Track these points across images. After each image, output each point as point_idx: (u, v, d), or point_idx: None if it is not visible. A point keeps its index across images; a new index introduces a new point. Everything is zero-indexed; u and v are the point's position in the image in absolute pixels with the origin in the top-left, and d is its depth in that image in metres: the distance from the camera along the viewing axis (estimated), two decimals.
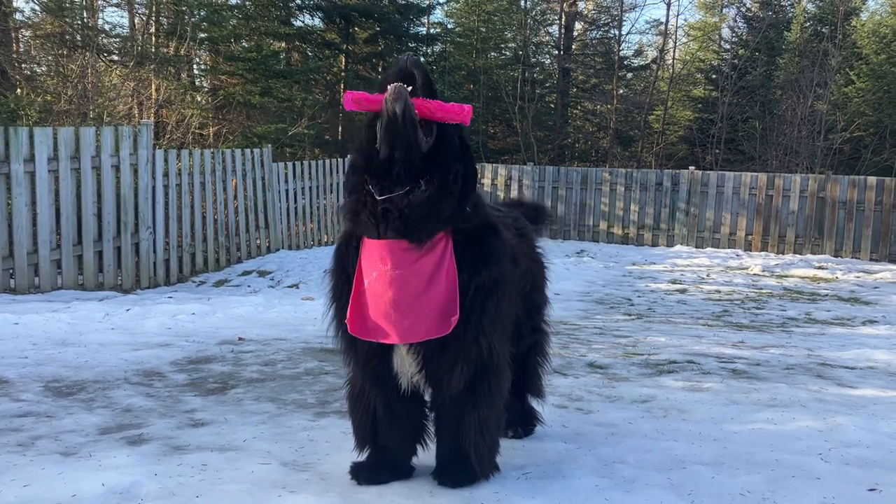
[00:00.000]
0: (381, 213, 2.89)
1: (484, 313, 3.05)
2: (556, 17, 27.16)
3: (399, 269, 2.92)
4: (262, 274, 11.13)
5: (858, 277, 12.76)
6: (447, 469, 3.23)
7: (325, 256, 11.72)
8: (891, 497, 3.23)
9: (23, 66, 15.82)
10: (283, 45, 21.11)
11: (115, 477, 3.20)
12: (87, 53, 14.40)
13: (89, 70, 14.01)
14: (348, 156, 3.24)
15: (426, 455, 3.37)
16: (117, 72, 16.15)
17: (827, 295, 10.87)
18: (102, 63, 15.72)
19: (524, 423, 3.96)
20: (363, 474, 3.24)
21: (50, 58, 15.69)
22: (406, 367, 3.11)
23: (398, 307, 2.94)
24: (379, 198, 2.88)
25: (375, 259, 2.95)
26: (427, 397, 3.32)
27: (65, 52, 14.84)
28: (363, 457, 3.33)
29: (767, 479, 3.38)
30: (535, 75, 26.36)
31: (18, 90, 13.86)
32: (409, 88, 2.85)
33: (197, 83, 19.52)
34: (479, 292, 3.04)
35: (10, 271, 8.77)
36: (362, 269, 3.01)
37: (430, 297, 2.95)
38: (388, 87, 2.82)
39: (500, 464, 3.36)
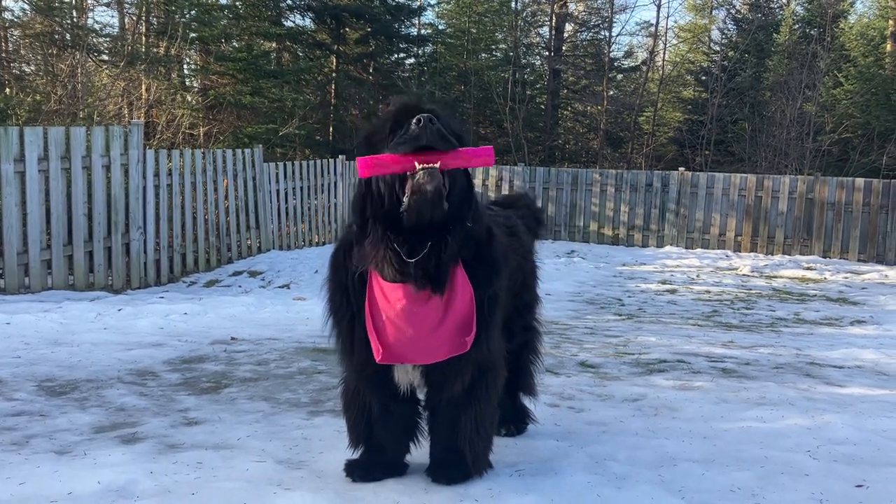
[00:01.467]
0: (406, 271, 2.90)
1: (487, 325, 3.12)
2: (547, 19, 27.25)
3: (416, 309, 2.97)
4: (253, 274, 11.12)
5: (846, 278, 12.87)
6: (442, 466, 3.26)
7: (316, 257, 11.74)
8: (877, 493, 3.28)
9: (12, 65, 15.76)
10: (274, 45, 21.08)
11: (111, 475, 3.21)
12: (77, 53, 14.36)
13: (79, 70, 13.97)
14: (354, 194, 3.18)
15: (419, 452, 3.40)
16: (107, 72, 16.11)
17: (815, 295, 10.96)
18: (92, 63, 15.68)
19: (517, 422, 3.99)
20: (358, 472, 3.27)
21: (39, 57, 15.63)
22: (409, 377, 3.17)
23: (418, 342, 3.00)
24: (407, 259, 2.88)
25: (391, 299, 2.98)
26: (421, 396, 3.35)
27: (54, 52, 14.78)
28: (357, 454, 3.35)
29: (757, 476, 3.42)
30: (525, 76, 26.43)
31: (7, 90, 13.82)
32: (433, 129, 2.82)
33: (187, 83, 19.48)
34: (484, 304, 3.10)
35: (0, 271, 8.74)
36: (377, 304, 3.02)
37: (446, 326, 3.00)
38: (417, 166, 2.77)
39: (493, 461, 3.39)
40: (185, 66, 19.55)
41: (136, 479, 3.19)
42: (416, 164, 2.78)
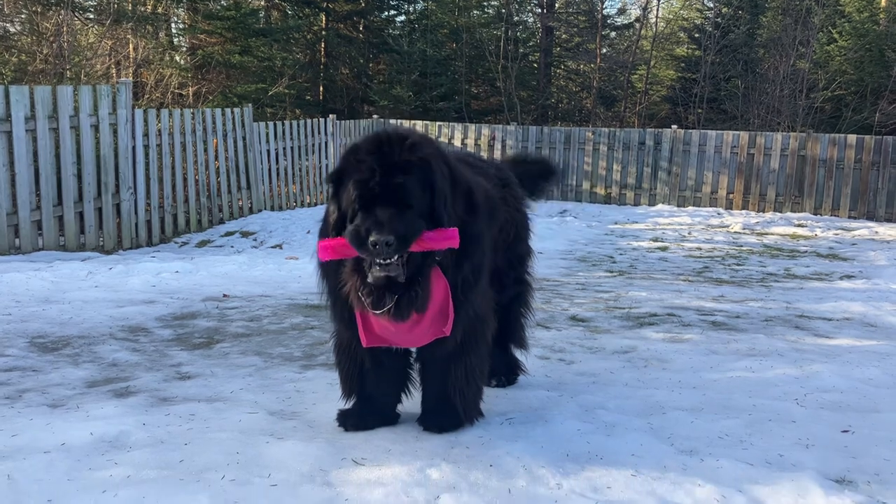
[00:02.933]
0: (378, 314, 2.91)
1: (471, 291, 3.14)
2: None
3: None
4: (244, 234, 11.10)
5: (837, 234, 12.91)
6: (433, 415, 3.29)
7: (308, 217, 11.72)
8: (863, 437, 3.33)
9: None
10: (263, 3, 20.79)
11: (104, 427, 3.24)
12: (63, 11, 14.10)
13: (65, 28, 13.75)
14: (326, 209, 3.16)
15: (411, 403, 3.43)
16: (94, 30, 15.87)
17: (806, 251, 11.01)
18: (78, 21, 15.43)
19: (508, 373, 4.03)
20: (350, 421, 3.30)
21: (24, 16, 15.35)
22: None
23: (403, 335, 3.06)
24: (374, 310, 2.88)
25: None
26: (413, 349, 3.37)
27: (39, 10, 14.52)
28: (349, 405, 3.38)
29: (745, 423, 3.47)
30: (518, 34, 26.12)
31: None
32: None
33: (175, 42, 19.23)
34: (466, 279, 3.11)
35: None
36: None
37: (427, 318, 3.01)
38: (375, 264, 2.77)
39: (484, 410, 3.43)
40: (172, 25, 19.29)
41: (129, 431, 3.21)
42: (375, 259, 2.76)
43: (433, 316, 3.02)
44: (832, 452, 3.16)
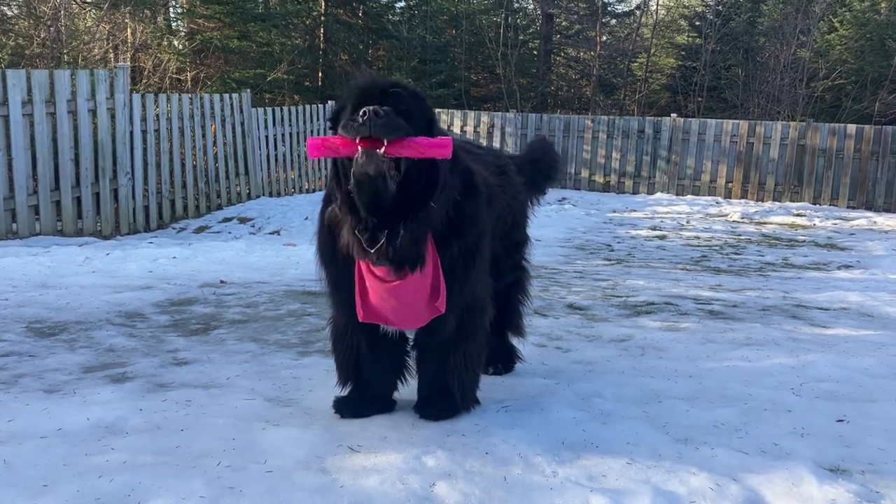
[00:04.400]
0: (371, 257, 2.91)
1: (467, 272, 3.14)
2: None
3: (395, 282, 2.98)
4: (242, 220, 11.09)
5: (835, 224, 12.91)
6: (429, 402, 3.30)
7: (306, 203, 11.70)
8: (857, 427, 3.34)
9: None
10: None
11: (100, 412, 3.24)
12: None
13: (62, 12, 13.66)
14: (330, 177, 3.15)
15: (407, 390, 3.44)
16: (91, 14, 15.79)
17: (804, 241, 11.01)
18: (76, 5, 15.34)
19: (505, 361, 4.03)
20: (346, 408, 3.30)
21: None
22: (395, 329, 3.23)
23: (398, 311, 3.05)
24: (367, 248, 2.88)
25: (372, 271, 3.00)
26: (410, 335, 3.37)
27: None
28: (346, 392, 3.39)
29: (740, 412, 3.48)
30: (518, 21, 26.01)
31: None
32: (383, 114, 2.75)
33: (174, 27, 19.11)
34: (460, 258, 3.10)
35: None
36: (362, 268, 3.04)
37: (422, 294, 3.02)
38: (359, 148, 2.73)
39: (480, 398, 3.43)
40: (171, 10, 19.16)
41: (126, 416, 3.21)
42: (359, 147, 2.74)
43: (427, 292, 3.02)
44: (827, 442, 3.17)
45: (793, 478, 2.78)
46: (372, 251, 2.88)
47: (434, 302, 3.04)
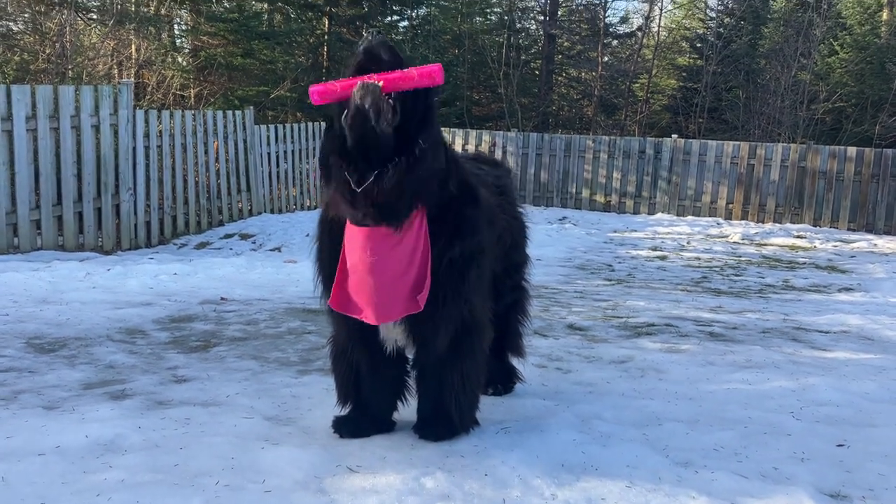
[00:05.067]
0: (357, 202, 2.87)
1: (463, 281, 3.12)
2: None
3: (377, 256, 2.96)
4: (243, 237, 11.11)
5: (836, 246, 12.93)
6: (429, 423, 3.29)
7: (307, 220, 11.72)
8: (858, 452, 3.33)
9: None
10: (266, 6, 20.77)
11: (99, 429, 3.23)
12: (66, 11, 14.12)
13: (68, 28, 13.76)
14: (322, 136, 3.23)
15: (407, 411, 3.43)
16: (96, 31, 15.89)
17: (805, 263, 11.02)
18: (81, 21, 15.45)
19: (504, 381, 4.02)
20: (345, 428, 3.29)
21: (27, 15, 15.35)
22: (392, 334, 3.19)
23: (378, 292, 3.00)
24: (353, 188, 2.86)
25: (356, 245, 2.99)
26: (410, 355, 3.37)
27: (42, 10, 14.53)
28: (345, 411, 3.38)
29: (740, 435, 3.47)
30: (520, 41, 26.17)
31: None
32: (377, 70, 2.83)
33: (178, 44, 19.23)
34: (456, 263, 3.09)
35: None
36: (346, 248, 3.04)
37: (406, 279, 3.00)
38: (357, 82, 2.79)
39: (480, 419, 3.43)
40: (175, 27, 19.29)
41: (125, 434, 3.20)
42: (357, 81, 2.79)
43: (412, 280, 2.99)
44: (827, 466, 3.16)
45: (793, 503, 2.77)
46: (359, 190, 2.83)
47: (416, 294, 3.00)
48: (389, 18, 24.26)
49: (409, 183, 2.87)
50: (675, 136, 17.17)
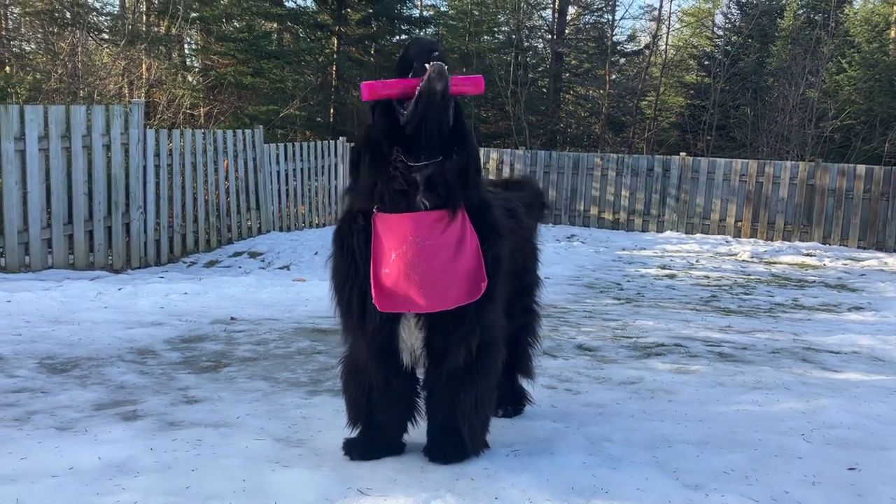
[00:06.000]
0: (417, 181, 2.95)
1: (490, 291, 3.13)
2: (550, 1, 27.07)
3: (429, 241, 2.98)
4: (253, 255, 11.15)
5: (846, 265, 12.89)
6: (439, 445, 3.29)
7: (316, 238, 11.77)
8: (869, 475, 3.31)
9: (12, 43, 15.71)
10: (275, 25, 20.98)
11: (111, 451, 3.25)
12: (78, 31, 14.30)
13: (79, 48, 13.92)
14: (352, 142, 3.29)
15: (417, 433, 3.43)
16: (108, 51, 16.06)
17: (814, 281, 10.99)
18: (93, 41, 15.62)
19: (514, 403, 4.02)
20: (356, 450, 3.30)
21: (39, 35, 15.57)
22: (412, 339, 3.15)
23: (428, 278, 2.99)
24: (415, 164, 2.94)
25: (399, 234, 2.98)
26: (420, 375, 3.37)
27: (55, 30, 14.74)
28: (356, 433, 3.38)
29: (750, 458, 3.46)
30: (528, 59, 26.31)
31: (7, 68, 13.78)
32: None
33: (188, 63, 19.41)
34: (487, 266, 3.11)
35: (0, 250, 8.77)
36: (382, 246, 3.02)
37: (457, 266, 3.02)
38: (429, 65, 2.85)
39: (490, 441, 3.42)
40: (185, 46, 19.49)
41: (137, 456, 3.22)
42: (427, 66, 2.85)
43: (468, 267, 3.02)
44: (838, 490, 3.15)
45: None
46: (420, 172, 2.92)
47: (478, 281, 3.03)
48: (398, 37, 24.44)
49: (467, 173, 3.01)
50: (683, 153, 17.20)
